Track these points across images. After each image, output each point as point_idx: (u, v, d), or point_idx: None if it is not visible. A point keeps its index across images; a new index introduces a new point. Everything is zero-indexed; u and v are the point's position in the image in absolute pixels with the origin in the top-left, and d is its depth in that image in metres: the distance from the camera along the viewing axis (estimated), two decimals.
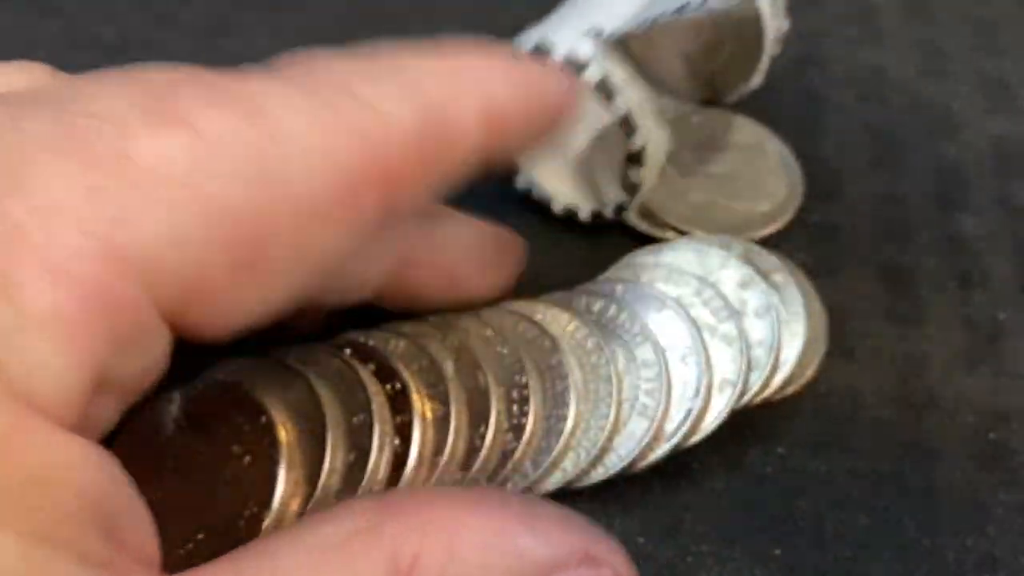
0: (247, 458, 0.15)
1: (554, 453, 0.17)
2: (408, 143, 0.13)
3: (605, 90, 0.18)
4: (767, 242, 0.21)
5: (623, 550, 0.13)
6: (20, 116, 0.11)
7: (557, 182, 0.21)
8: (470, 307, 0.18)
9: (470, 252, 0.18)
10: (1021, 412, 0.19)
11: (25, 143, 0.11)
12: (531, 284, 0.20)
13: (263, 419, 0.15)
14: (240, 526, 0.14)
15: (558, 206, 0.21)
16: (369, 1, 0.26)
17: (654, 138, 0.18)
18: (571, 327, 0.18)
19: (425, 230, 0.17)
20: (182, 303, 0.12)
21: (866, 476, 0.18)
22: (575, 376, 0.17)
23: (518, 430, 0.16)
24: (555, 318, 0.18)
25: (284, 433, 0.15)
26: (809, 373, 0.19)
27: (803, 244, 0.21)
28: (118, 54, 0.18)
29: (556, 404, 0.16)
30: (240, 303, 0.12)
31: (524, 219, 0.21)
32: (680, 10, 0.17)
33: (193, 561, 0.11)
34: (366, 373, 0.16)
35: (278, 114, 0.12)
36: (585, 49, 0.18)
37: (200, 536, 0.14)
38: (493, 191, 0.21)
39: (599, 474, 0.17)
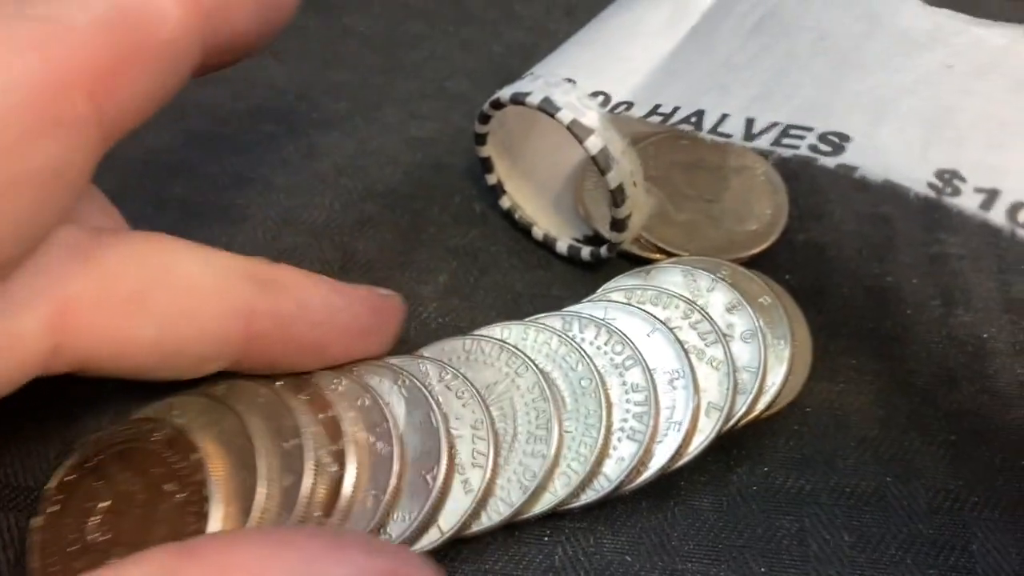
0: (180, 495, 0.15)
1: (539, 479, 0.17)
2: (95, 37, 0.13)
3: (603, 160, 0.18)
4: (754, 261, 0.21)
5: (435, 568, 0.13)
6: None
7: (536, 211, 0.21)
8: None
9: (337, 320, 0.17)
10: (1004, 430, 0.19)
11: None
12: (520, 304, 0.21)
13: (193, 455, 0.15)
14: None
15: (538, 234, 0.21)
16: None
17: (640, 205, 0.19)
18: (554, 344, 0.18)
19: (271, 305, 0.16)
20: None
21: (850, 494, 0.18)
22: (560, 399, 0.17)
23: (476, 474, 0.16)
24: (544, 342, 0.18)
25: (214, 467, 0.15)
26: (794, 393, 0.19)
27: (789, 263, 0.21)
28: None
29: (534, 435, 0.17)
30: None
31: (509, 235, 0.21)
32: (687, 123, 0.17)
33: None
34: (296, 401, 0.16)
35: None
36: (591, 117, 0.18)
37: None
38: (476, 207, 0.22)
39: (588, 497, 0.17)
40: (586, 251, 0.21)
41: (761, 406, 0.18)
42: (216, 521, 0.14)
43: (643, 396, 0.18)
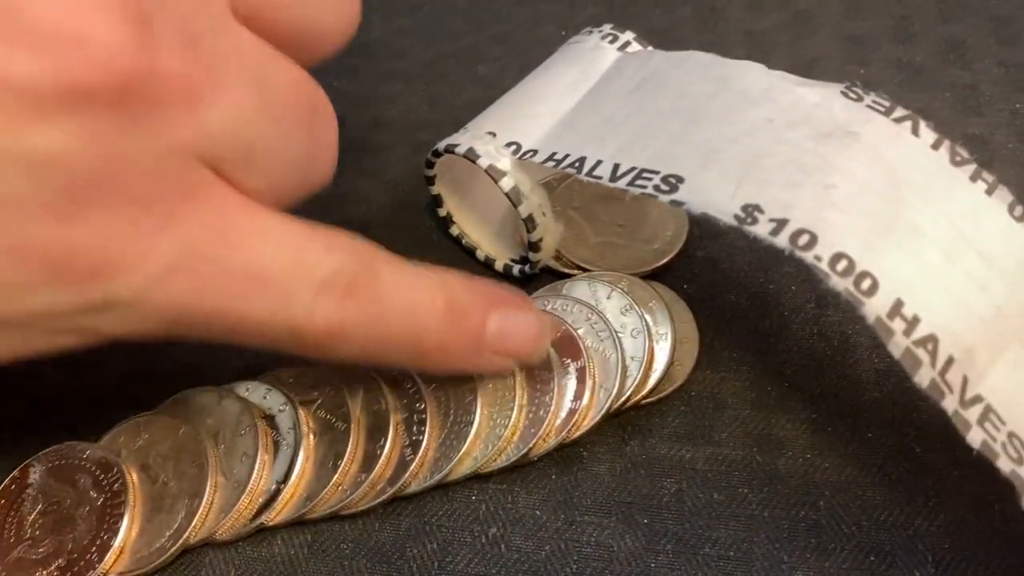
0: (101, 498, 0.21)
1: (463, 448, 0.22)
2: None
3: (515, 195, 0.23)
4: (658, 274, 0.26)
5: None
6: None
7: (480, 237, 0.26)
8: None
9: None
10: (859, 410, 0.23)
11: None
12: None
13: (115, 469, 0.21)
14: (93, 551, 0.20)
15: (480, 255, 0.26)
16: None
17: (550, 230, 0.24)
18: None
19: None
20: None
21: (722, 461, 0.23)
22: (485, 387, 0.22)
23: (416, 445, 0.21)
24: None
25: (131, 478, 0.21)
26: (681, 380, 0.24)
27: (688, 275, 0.26)
28: None
29: (460, 415, 0.22)
30: None
31: (457, 256, 0.26)
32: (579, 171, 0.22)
33: None
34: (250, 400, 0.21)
35: None
36: (504, 163, 0.23)
37: (59, 562, 0.20)
38: (434, 235, 0.27)
39: (502, 462, 0.22)
40: (516, 269, 0.25)
41: (646, 389, 0.23)
42: (127, 520, 0.20)
43: (546, 381, 0.22)
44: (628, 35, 0.25)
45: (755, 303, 0.25)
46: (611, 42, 0.25)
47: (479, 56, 0.31)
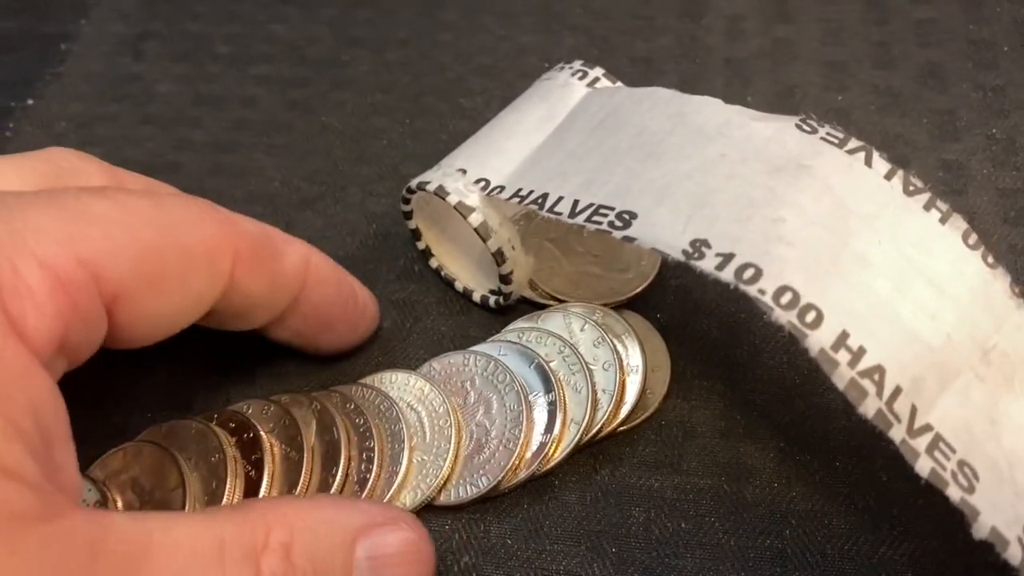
0: None
1: (390, 493, 0.22)
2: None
3: (484, 231, 0.24)
4: (632, 303, 0.26)
5: (423, 529, 0.19)
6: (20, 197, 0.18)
7: (459, 269, 0.27)
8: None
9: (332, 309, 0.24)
10: (826, 438, 0.23)
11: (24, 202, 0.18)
12: (443, 343, 0.26)
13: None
14: None
15: (459, 287, 0.26)
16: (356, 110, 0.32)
17: (520, 263, 0.24)
18: (426, 391, 0.23)
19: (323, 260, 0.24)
20: (114, 297, 0.18)
21: (690, 490, 0.23)
22: (415, 436, 0.23)
23: (363, 483, 0.22)
24: (411, 387, 0.24)
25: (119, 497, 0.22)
26: (652, 408, 0.24)
27: (661, 304, 0.26)
28: (148, 172, 0.25)
29: (394, 460, 0.22)
30: (150, 309, 0.19)
31: (439, 287, 0.27)
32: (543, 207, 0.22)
33: None
34: (222, 430, 0.22)
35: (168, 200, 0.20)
36: (472, 199, 0.24)
37: None
38: (416, 267, 0.27)
39: (474, 493, 0.22)
40: (492, 300, 0.26)
41: (619, 418, 0.23)
42: None
43: (516, 414, 0.23)
44: (597, 71, 0.26)
45: (727, 332, 0.25)
46: (580, 78, 0.26)
47: (463, 89, 0.32)
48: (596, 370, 0.24)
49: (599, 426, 0.23)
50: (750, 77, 0.31)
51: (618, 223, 0.20)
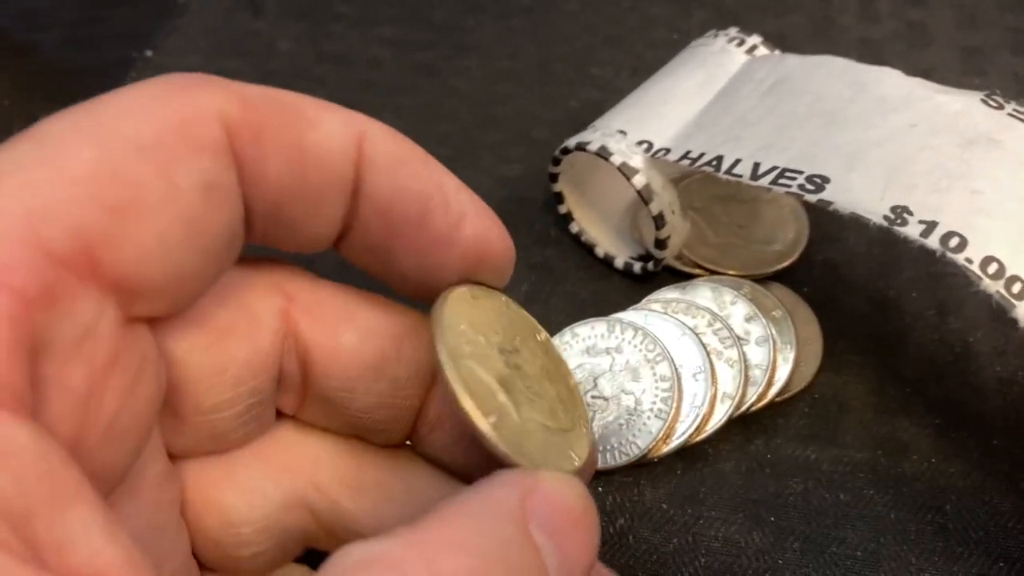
0: None
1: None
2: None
3: (647, 193, 0.23)
4: (777, 277, 0.26)
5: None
6: None
7: (599, 234, 0.26)
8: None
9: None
10: (982, 417, 0.23)
11: None
12: (584, 309, 0.26)
13: None
14: None
15: (600, 252, 0.26)
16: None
17: (678, 229, 0.24)
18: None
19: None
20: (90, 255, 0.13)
21: (847, 463, 0.23)
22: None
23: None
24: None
25: None
26: (805, 383, 0.24)
27: (808, 278, 0.26)
28: None
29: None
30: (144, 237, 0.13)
31: (577, 252, 0.27)
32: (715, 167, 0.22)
33: None
34: None
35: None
36: (636, 160, 0.23)
37: None
38: (552, 232, 0.27)
39: (623, 460, 0.22)
40: (637, 266, 0.26)
41: (770, 396, 0.23)
42: None
43: (668, 385, 0.23)
44: (755, 38, 0.26)
45: (876, 308, 0.25)
46: (738, 45, 0.25)
47: (593, 58, 0.32)
48: (748, 345, 0.24)
49: (752, 400, 0.23)
50: (885, 59, 0.31)
51: (809, 187, 0.20)
